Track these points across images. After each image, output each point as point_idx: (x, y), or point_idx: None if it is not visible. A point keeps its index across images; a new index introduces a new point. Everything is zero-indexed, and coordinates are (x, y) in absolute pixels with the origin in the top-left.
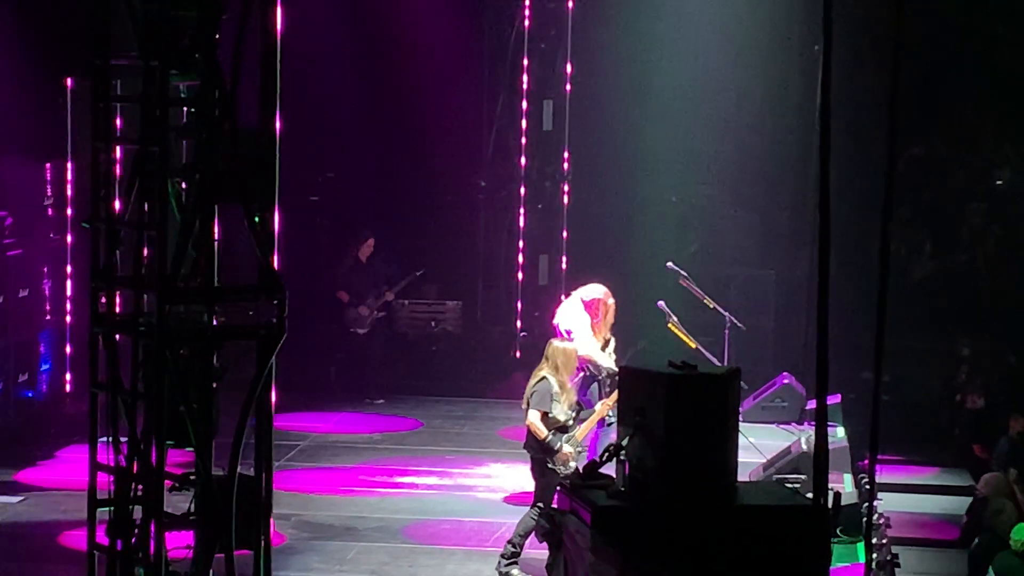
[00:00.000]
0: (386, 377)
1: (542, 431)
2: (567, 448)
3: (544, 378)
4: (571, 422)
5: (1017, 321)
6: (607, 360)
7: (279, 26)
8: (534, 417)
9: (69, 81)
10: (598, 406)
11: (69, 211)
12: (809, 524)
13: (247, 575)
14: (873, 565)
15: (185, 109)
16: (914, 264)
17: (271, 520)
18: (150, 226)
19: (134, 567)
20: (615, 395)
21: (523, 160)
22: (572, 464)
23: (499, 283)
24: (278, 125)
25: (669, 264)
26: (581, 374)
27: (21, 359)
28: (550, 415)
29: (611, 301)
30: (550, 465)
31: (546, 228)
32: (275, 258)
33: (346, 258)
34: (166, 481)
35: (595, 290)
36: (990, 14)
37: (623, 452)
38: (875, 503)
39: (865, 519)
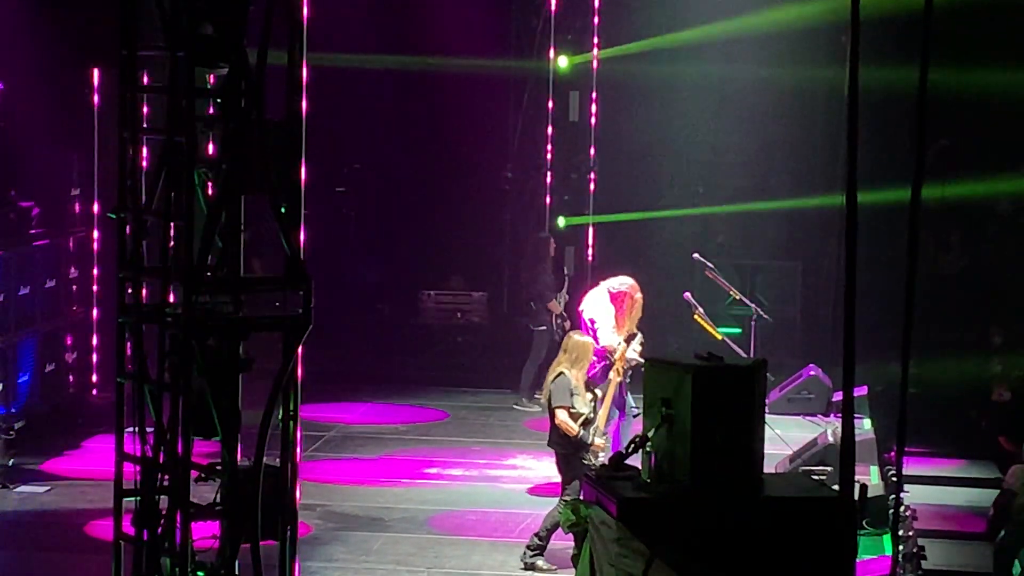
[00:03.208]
0: (411, 368)
1: (573, 428)
2: (599, 440)
3: (561, 373)
4: (592, 413)
5: None
6: (631, 353)
7: (305, 16)
8: (563, 415)
9: (96, 72)
10: (606, 384)
11: (96, 202)
12: (835, 516)
13: (273, 565)
14: (900, 557)
15: (212, 100)
16: (942, 256)
17: (297, 510)
18: (177, 216)
19: (160, 557)
20: (620, 355)
21: (549, 151)
22: (602, 456)
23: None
24: (304, 116)
25: (695, 255)
26: (602, 364)
27: (48, 349)
28: (572, 409)
29: (638, 296)
30: (584, 460)
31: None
32: (301, 248)
33: (538, 264)
34: (192, 471)
35: (623, 282)
36: (1020, 3)
37: (649, 444)
38: (902, 495)
39: (892, 511)
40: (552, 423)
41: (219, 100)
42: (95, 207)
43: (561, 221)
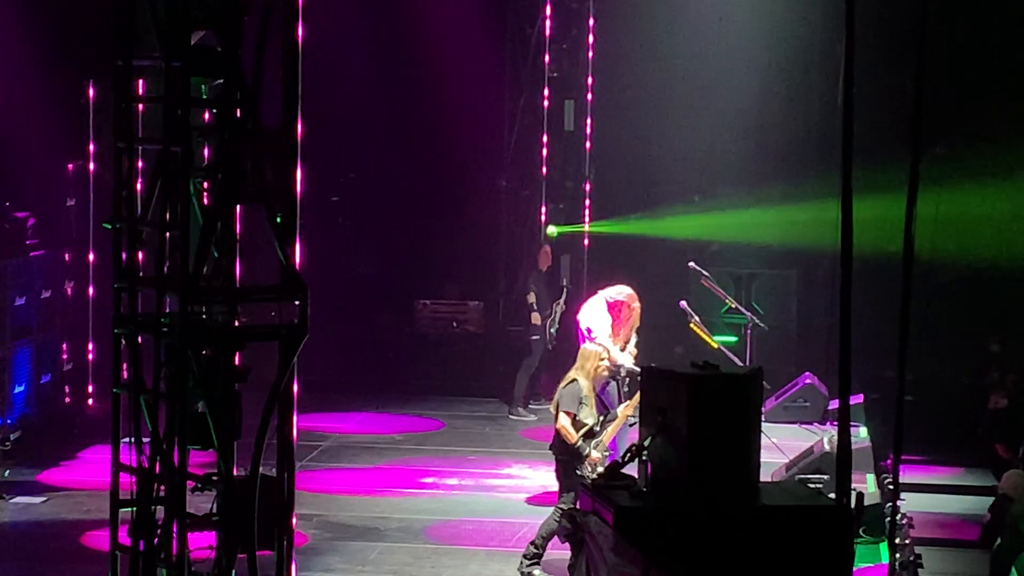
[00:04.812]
0: (407, 377)
1: (572, 435)
2: (595, 453)
3: (574, 380)
4: (598, 426)
5: None
6: (626, 359)
7: (300, 26)
8: (565, 421)
9: (91, 82)
10: (620, 408)
11: (91, 212)
12: (832, 524)
13: (270, 575)
14: (896, 565)
15: (207, 109)
16: (937, 263)
17: (293, 520)
18: (172, 226)
19: (156, 567)
20: (638, 396)
21: (545, 160)
22: (600, 469)
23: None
24: (299, 125)
25: (691, 264)
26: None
27: (44, 360)
28: (577, 418)
29: (636, 305)
30: (578, 471)
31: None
32: (297, 258)
33: (531, 271)
34: (188, 481)
35: (620, 292)
36: (1014, 11)
37: (645, 453)
38: (898, 503)
39: (888, 519)
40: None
41: (214, 110)
42: (90, 217)
43: (552, 230)
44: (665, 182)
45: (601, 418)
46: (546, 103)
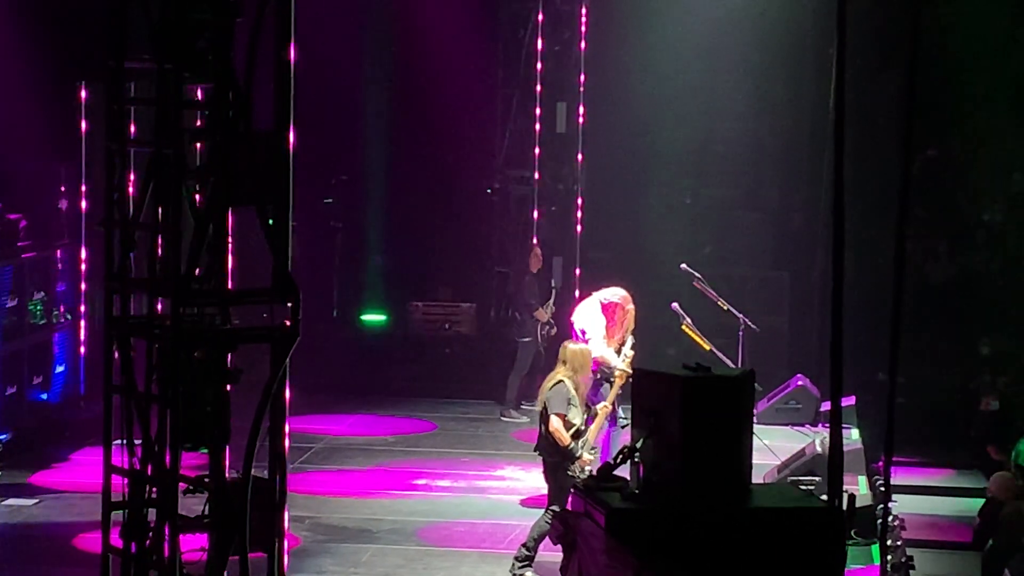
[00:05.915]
0: (400, 379)
1: (566, 438)
2: (587, 455)
3: (561, 381)
4: (584, 426)
5: None
6: (619, 361)
7: (293, 29)
8: (557, 423)
9: (83, 84)
10: (599, 406)
11: (83, 214)
12: (824, 526)
13: None
14: (888, 567)
15: (199, 112)
16: (929, 265)
17: (285, 522)
18: (165, 229)
19: (148, 570)
20: (613, 392)
21: (537, 162)
22: (588, 469)
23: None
24: (292, 127)
25: (683, 266)
26: (594, 375)
27: (35, 362)
28: (567, 418)
29: (630, 307)
30: (569, 472)
31: (560, 230)
32: (289, 260)
33: (523, 273)
34: (180, 484)
35: (614, 294)
36: (1006, 14)
37: (637, 454)
38: (890, 505)
39: (880, 521)
40: (543, 430)
41: (207, 112)
42: (83, 219)
43: None
44: (657, 184)
45: (585, 417)
46: (538, 105)
